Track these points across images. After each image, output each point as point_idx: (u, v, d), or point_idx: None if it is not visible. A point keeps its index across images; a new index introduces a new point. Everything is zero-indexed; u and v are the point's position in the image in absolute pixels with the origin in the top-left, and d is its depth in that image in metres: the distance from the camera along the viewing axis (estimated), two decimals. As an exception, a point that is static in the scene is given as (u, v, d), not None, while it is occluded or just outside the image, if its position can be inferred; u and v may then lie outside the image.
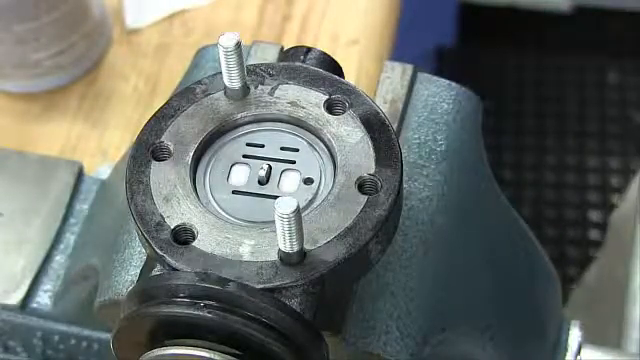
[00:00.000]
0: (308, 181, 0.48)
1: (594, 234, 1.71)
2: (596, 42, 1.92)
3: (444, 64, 1.85)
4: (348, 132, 0.49)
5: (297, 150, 0.50)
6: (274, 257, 0.46)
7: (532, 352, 0.61)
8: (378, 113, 0.50)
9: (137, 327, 0.46)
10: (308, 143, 0.50)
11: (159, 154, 0.49)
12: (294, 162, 0.49)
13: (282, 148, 0.50)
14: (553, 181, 1.78)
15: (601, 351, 0.69)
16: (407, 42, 1.10)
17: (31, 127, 0.87)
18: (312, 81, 0.51)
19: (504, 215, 0.60)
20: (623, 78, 1.88)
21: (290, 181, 0.49)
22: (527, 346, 0.60)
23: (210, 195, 0.49)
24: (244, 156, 0.50)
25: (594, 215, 1.73)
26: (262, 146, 0.50)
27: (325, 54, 0.54)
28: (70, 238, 0.62)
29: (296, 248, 0.45)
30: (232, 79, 0.50)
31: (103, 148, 0.86)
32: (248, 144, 0.50)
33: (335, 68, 0.54)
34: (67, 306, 0.61)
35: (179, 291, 0.44)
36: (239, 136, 0.50)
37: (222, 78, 0.50)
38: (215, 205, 0.48)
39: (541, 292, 0.63)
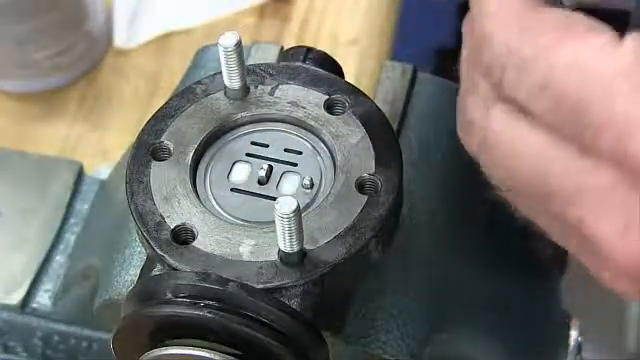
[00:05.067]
0: (308, 185, 0.48)
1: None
2: (596, 42, 1.92)
3: (444, 64, 1.85)
4: (348, 132, 0.49)
5: (300, 153, 0.50)
6: (274, 257, 0.46)
7: (533, 351, 0.61)
8: (378, 113, 0.50)
9: (137, 327, 0.46)
10: (312, 146, 0.50)
11: (159, 154, 0.49)
12: (296, 164, 0.49)
13: (286, 149, 0.50)
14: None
15: (601, 351, 0.69)
16: (407, 42, 1.10)
17: (31, 127, 0.87)
18: (312, 81, 0.51)
19: (504, 214, 0.60)
20: (623, 78, 1.87)
21: (289, 183, 0.49)
22: (528, 345, 0.60)
23: (210, 195, 0.49)
24: (247, 154, 0.50)
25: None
26: (266, 146, 0.50)
27: (325, 54, 0.54)
28: (70, 238, 0.62)
29: (296, 248, 0.44)
30: (232, 79, 0.50)
31: (103, 148, 0.85)
32: (253, 143, 0.50)
33: (335, 68, 0.54)
34: (67, 306, 0.61)
35: (179, 291, 0.44)
36: (244, 134, 0.50)
37: (222, 78, 0.50)
38: (215, 205, 0.48)
39: (541, 291, 0.63)
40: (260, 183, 0.49)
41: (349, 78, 0.53)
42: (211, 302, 0.44)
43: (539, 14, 0.39)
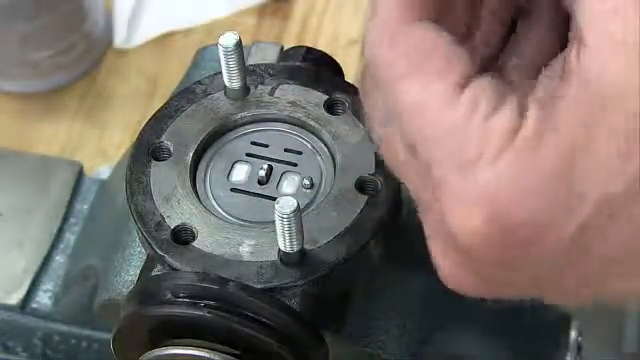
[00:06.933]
0: (308, 185, 0.48)
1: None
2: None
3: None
4: (348, 132, 0.49)
5: (300, 153, 0.50)
6: (274, 257, 0.46)
7: (533, 351, 0.61)
8: (378, 113, 0.50)
9: (137, 327, 0.46)
10: (312, 146, 0.50)
11: (159, 154, 0.49)
12: (296, 164, 0.49)
13: (286, 149, 0.50)
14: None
15: (601, 351, 0.69)
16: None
17: (31, 127, 0.87)
18: (312, 81, 0.51)
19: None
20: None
21: (289, 183, 0.49)
22: (528, 345, 0.60)
23: (210, 195, 0.49)
24: (247, 154, 0.50)
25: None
26: (266, 146, 0.50)
27: (325, 54, 0.54)
28: (70, 238, 0.62)
29: (296, 248, 0.44)
30: (232, 79, 0.50)
31: (103, 148, 0.86)
32: (253, 143, 0.50)
33: (335, 68, 0.54)
34: (67, 306, 0.61)
35: (179, 291, 0.44)
36: (244, 134, 0.50)
37: (222, 78, 0.50)
38: (215, 205, 0.48)
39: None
40: (260, 183, 0.49)
41: (349, 78, 0.53)
42: (211, 302, 0.44)
43: (408, 33, 0.38)
